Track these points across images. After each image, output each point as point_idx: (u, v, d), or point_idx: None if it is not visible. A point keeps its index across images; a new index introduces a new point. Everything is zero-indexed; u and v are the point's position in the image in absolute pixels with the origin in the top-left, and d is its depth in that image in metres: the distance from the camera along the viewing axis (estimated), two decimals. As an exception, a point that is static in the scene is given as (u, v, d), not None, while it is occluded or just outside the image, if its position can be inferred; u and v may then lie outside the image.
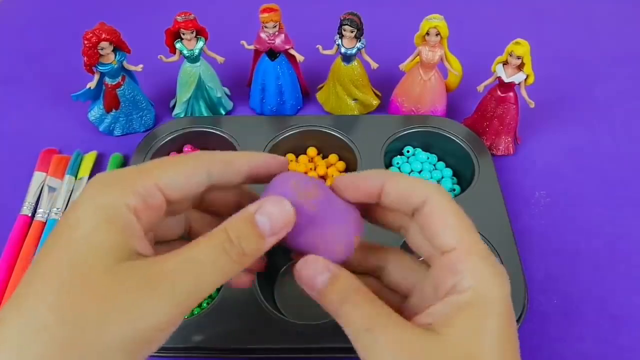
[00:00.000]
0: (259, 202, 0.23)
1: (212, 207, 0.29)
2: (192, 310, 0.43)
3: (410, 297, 0.27)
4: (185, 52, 0.53)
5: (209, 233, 0.22)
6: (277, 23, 0.52)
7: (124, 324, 0.19)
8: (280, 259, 0.46)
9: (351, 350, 0.24)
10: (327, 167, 0.53)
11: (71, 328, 0.19)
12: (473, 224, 0.24)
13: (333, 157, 0.54)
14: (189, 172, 0.24)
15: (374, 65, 0.54)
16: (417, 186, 0.25)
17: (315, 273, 0.24)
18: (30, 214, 0.49)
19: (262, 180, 0.27)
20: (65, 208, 0.49)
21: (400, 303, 0.27)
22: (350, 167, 0.53)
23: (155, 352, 0.42)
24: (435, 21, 0.50)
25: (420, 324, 0.23)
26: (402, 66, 0.55)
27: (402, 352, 0.22)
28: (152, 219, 0.23)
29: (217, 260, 0.22)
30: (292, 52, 0.54)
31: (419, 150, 0.54)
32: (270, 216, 0.23)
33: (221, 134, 0.53)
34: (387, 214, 0.27)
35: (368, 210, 0.28)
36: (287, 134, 0.53)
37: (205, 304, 0.43)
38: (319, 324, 0.38)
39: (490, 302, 0.22)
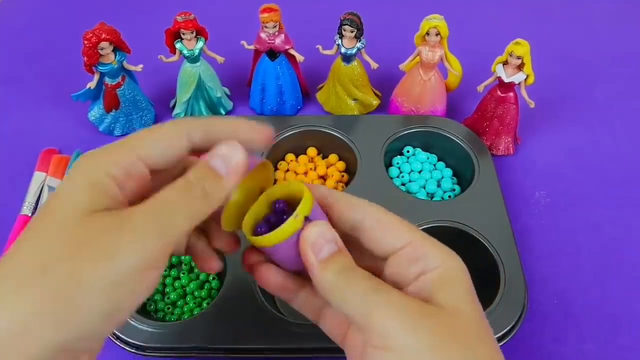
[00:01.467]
0: (213, 148, 0.25)
1: None
2: (192, 310, 0.43)
3: None
4: (185, 52, 0.53)
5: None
6: (277, 23, 0.52)
7: (101, 268, 0.21)
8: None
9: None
10: (327, 167, 0.53)
11: (50, 276, 0.20)
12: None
13: (333, 157, 0.54)
14: (168, 139, 0.25)
15: (374, 65, 0.54)
16: (356, 203, 0.27)
17: (324, 241, 0.25)
18: (30, 214, 0.49)
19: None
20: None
21: None
22: (350, 167, 0.53)
23: (156, 353, 0.42)
24: (435, 21, 0.50)
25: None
26: (402, 66, 0.55)
27: (407, 310, 0.23)
28: (137, 188, 0.24)
29: (181, 198, 0.23)
30: (292, 52, 0.54)
31: (419, 150, 0.54)
32: (224, 158, 0.25)
33: (221, 134, 0.53)
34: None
35: None
36: (287, 134, 0.53)
37: (205, 304, 0.43)
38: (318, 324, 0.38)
39: (459, 273, 0.25)
